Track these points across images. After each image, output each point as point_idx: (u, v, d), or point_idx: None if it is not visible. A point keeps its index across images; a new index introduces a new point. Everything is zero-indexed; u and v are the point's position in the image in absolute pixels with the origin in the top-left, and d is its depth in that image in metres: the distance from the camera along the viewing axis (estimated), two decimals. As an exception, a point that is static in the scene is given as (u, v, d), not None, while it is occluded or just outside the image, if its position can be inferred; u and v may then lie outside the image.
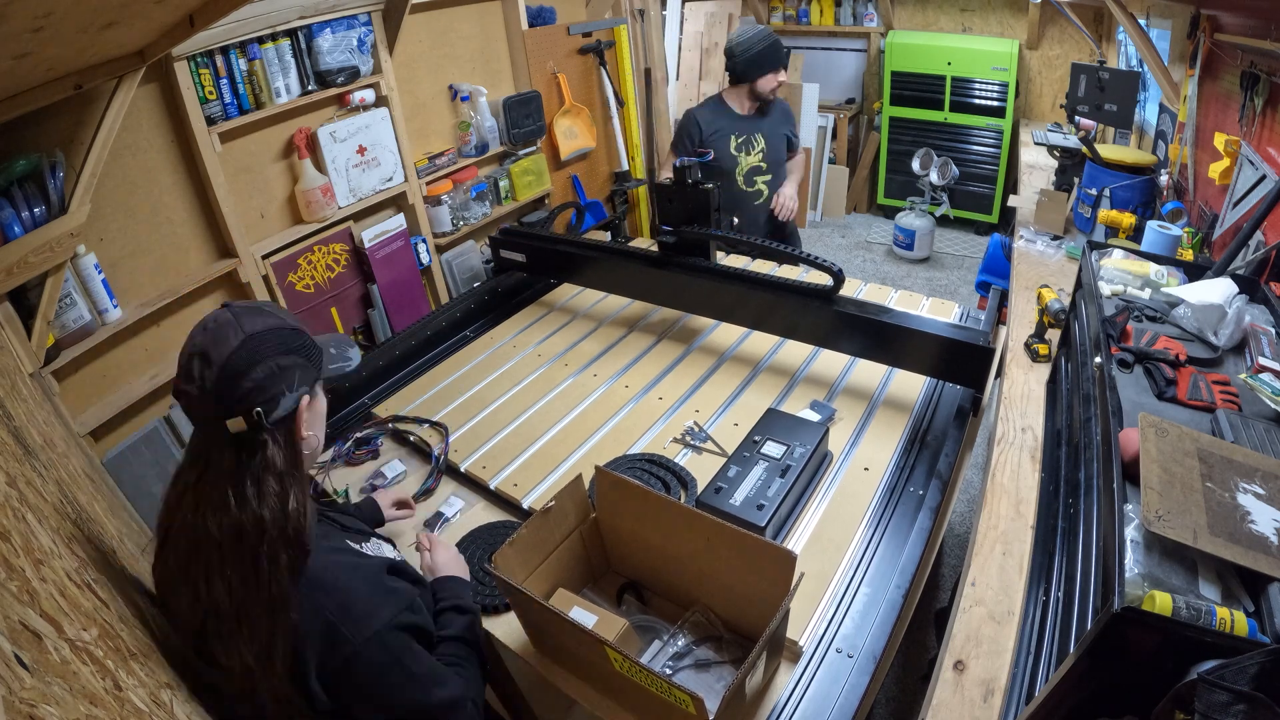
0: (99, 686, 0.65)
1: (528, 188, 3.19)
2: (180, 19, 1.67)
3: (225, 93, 2.11)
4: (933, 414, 1.68)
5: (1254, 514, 0.86)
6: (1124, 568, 0.81)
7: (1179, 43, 2.64)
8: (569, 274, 2.30)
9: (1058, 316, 1.78)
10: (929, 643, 2.17)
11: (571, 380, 1.89)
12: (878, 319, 1.69)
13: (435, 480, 1.57)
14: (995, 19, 4.60)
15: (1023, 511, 1.38)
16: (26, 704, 0.52)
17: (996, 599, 1.20)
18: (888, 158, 4.98)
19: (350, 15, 2.37)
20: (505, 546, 1.11)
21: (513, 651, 1.22)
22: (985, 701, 1.05)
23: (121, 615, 0.87)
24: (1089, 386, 1.31)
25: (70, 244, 1.71)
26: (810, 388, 1.80)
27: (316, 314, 2.55)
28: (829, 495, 1.45)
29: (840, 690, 1.10)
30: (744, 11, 5.09)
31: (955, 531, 2.56)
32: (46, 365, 1.74)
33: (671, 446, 1.61)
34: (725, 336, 2.04)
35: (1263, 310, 1.38)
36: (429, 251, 2.85)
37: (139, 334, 2.07)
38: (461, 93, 2.87)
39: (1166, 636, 0.75)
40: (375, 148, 2.55)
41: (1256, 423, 1.07)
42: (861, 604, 1.23)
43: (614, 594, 1.31)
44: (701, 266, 1.96)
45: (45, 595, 0.70)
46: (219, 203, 2.15)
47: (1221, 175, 2.08)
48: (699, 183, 1.88)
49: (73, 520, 1.07)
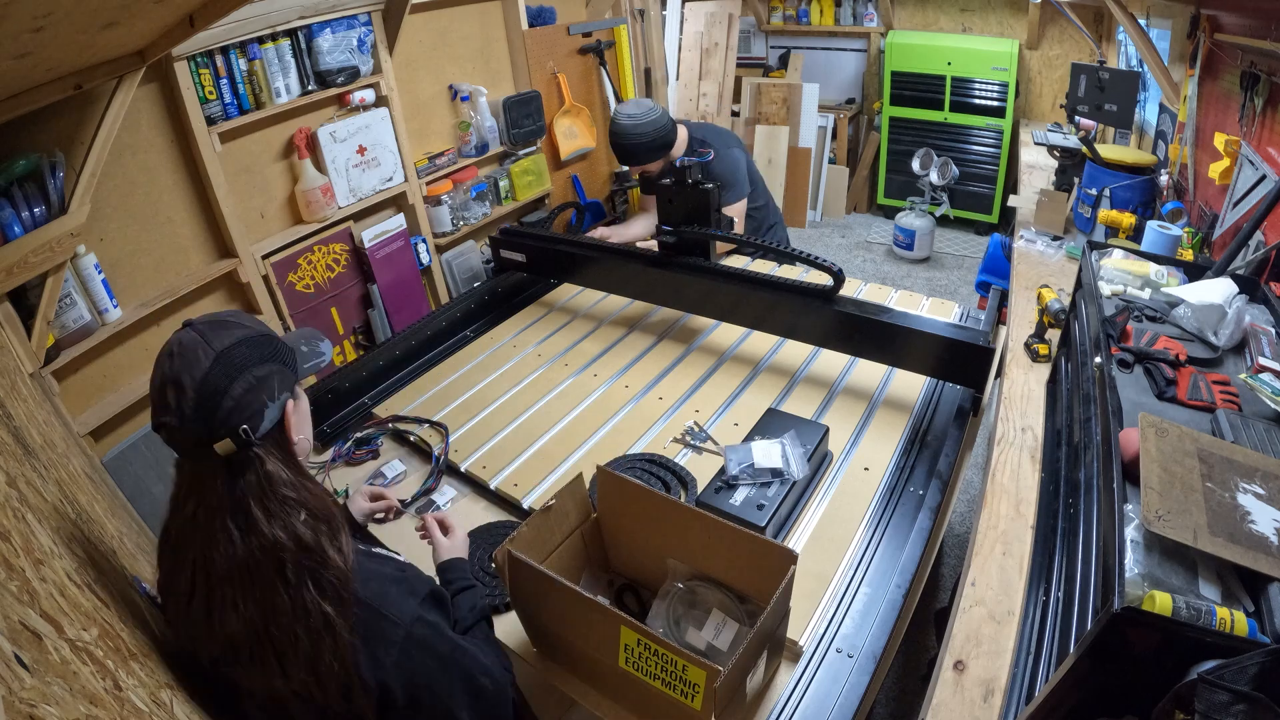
0: (99, 686, 0.65)
1: (528, 188, 3.19)
2: (180, 19, 1.67)
3: (225, 93, 2.11)
4: (933, 414, 1.68)
5: (1254, 514, 0.86)
6: (1124, 568, 0.81)
7: (1179, 43, 2.64)
8: (569, 274, 2.30)
9: (1058, 316, 1.79)
10: (929, 643, 2.17)
11: (571, 380, 1.89)
12: (878, 319, 1.69)
13: (436, 480, 1.58)
14: (995, 19, 4.60)
15: (1023, 511, 1.38)
16: (26, 704, 0.52)
17: (996, 599, 1.21)
18: (888, 158, 4.98)
19: (350, 15, 2.37)
20: (505, 544, 1.11)
21: (513, 651, 1.22)
22: (985, 701, 1.05)
23: (121, 615, 0.87)
24: (1089, 386, 1.31)
25: (70, 244, 1.71)
26: (810, 388, 1.80)
27: (316, 314, 2.55)
28: (829, 495, 1.45)
29: (840, 690, 1.10)
30: (744, 11, 5.10)
31: (955, 531, 2.56)
32: (46, 365, 1.74)
33: (671, 446, 1.61)
34: (725, 336, 2.04)
35: (1263, 310, 1.38)
36: (429, 251, 2.85)
37: (139, 334, 2.07)
38: (461, 93, 2.87)
39: (1166, 636, 0.75)
40: (375, 148, 2.55)
41: (1256, 423, 1.07)
42: (861, 604, 1.23)
43: (614, 595, 1.31)
44: (701, 266, 1.96)
45: (45, 595, 0.70)
46: (219, 203, 2.15)
47: (1221, 175, 2.08)
48: (699, 183, 1.87)
49: (73, 520, 1.07)
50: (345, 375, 1.90)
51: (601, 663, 1.01)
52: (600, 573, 1.35)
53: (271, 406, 0.85)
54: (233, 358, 0.82)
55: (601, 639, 0.99)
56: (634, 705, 1.06)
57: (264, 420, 0.84)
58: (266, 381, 0.85)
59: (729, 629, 1.13)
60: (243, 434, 0.81)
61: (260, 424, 0.83)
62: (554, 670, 1.17)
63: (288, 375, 0.89)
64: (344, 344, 2.68)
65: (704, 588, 1.17)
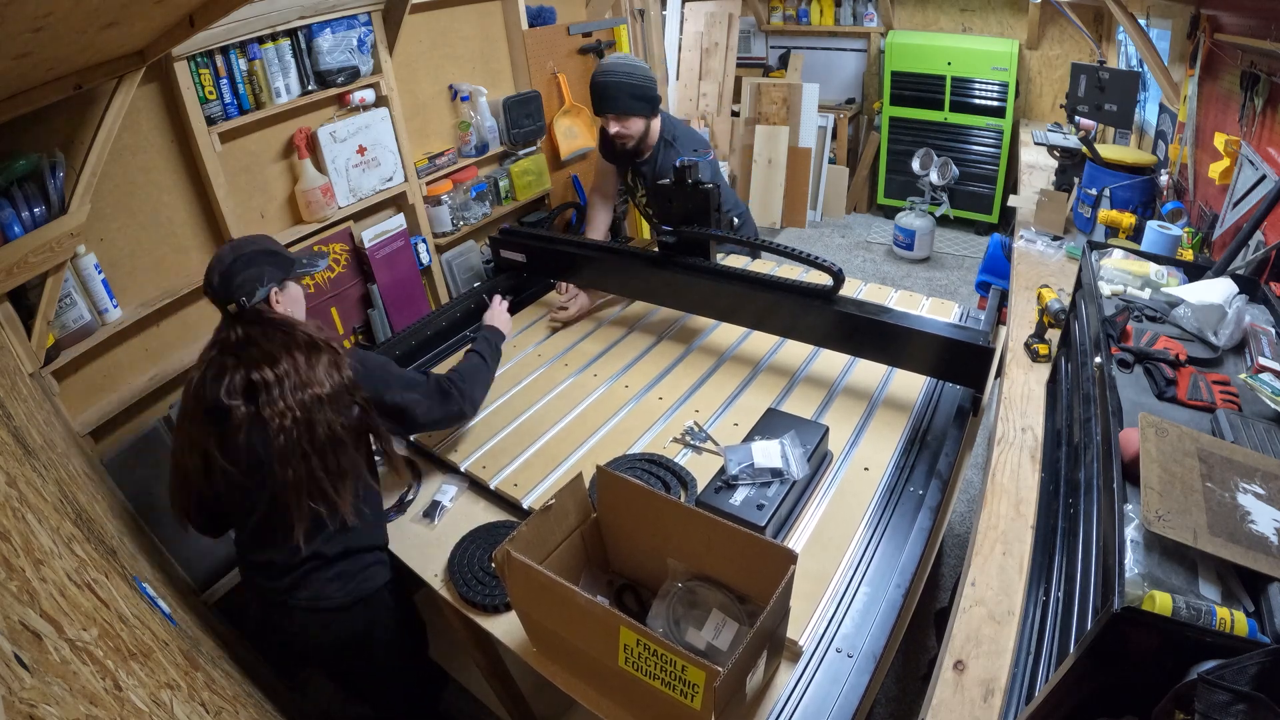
0: (99, 686, 0.65)
1: (528, 188, 3.19)
2: (180, 19, 1.67)
3: (225, 93, 2.11)
4: (933, 414, 1.68)
5: (1254, 514, 0.86)
6: (1124, 568, 0.81)
7: (1179, 43, 2.64)
8: (569, 274, 2.30)
9: (1058, 316, 1.79)
10: (929, 643, 2.17)
11: (571, 380, 1.89)
12: (878, 319, 1.69)
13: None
14: (995, 19, 4.60)
15: (1023, 511, 1.38)
16: (26, 704, 0.52)
17: (996, 599, 1.21)
18: (888, 158, 4.98)
19: (350, 15, 2.37)
20: (505, 545, 1.11)
21: (513, 652, 1.22)
22: (985, 701, 1.05)
23: (121, 615, 0.87)
24: (1089, 386, 1.31)
25: (70, 244, 1.71)
26: (810, 388, 1.80)
27: (317, 314, 2.54)
28: (829, 495, 1.45)
29: (840, 690, 1.10)
30: (744, 11, 5.10)
31: (955, 531, 2.56)
32: (46, 365, 1.74)
33: (671, 446, 1.61)
34: (725, 336, 2.04)
35: (1263, 310, 1.38)
36: (429, 251, 2.85)
37: (139, 334, 2.07)
38: (461, 93, 2.87)
39: (1166, 636, 0.75)
40: (375, 148, 2.55)
41: (1256, 423, 1.07)
42: (861, 604, 1.23)
43: (614, 595, 1.31)
44: (701, 266, 1.96)
45: (45, 595, 0.70)
46: (219, 203, 2.15)
47: (1221, 175, 2.08)
48: (699, 183, 1.87)
49: (73, 520, 1.07)
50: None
51: (601, 663, 1.01)
52: (600, 573, 1.35)
53: (263, 288, 1.36)
54: (245, 258, 1.36)
55: (601, 639, 0.99)
56: (634, 705, 1.06)
57: (256, 295, 1.35)
58: (261, 276, 1.36)
59: (729, 629, 1.13)
60: (242, 301, 1.33)
61: (254, 297, 1.35)
62: (554, 670, 1.17)
63: (277, 271, 1.39)
64: (344, 344, 2.68)
65: (704, 588, 1.17)
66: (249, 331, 1.34)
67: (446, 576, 1.36)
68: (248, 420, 1.30)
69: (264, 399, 1.29)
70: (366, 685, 1.61)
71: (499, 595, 1.28)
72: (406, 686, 1.63)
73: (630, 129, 2.17)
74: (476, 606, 1.29)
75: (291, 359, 1.32)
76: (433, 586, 1.36)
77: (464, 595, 1.30)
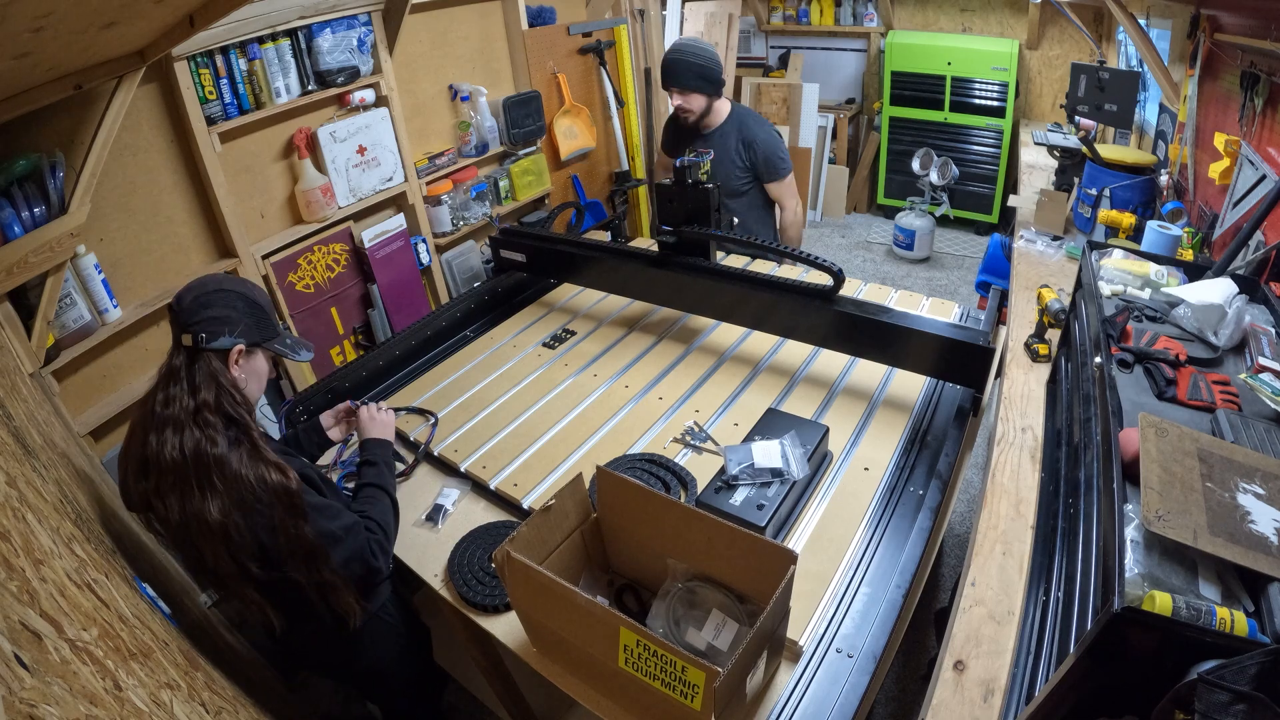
0: (99, 686, 0.65)
1: (528, 188, 3.19)
2: (180, 19, 1.67)
3: (225, 93, 2.11)
4: (933, 414, 1.68)
5: (1254, 514, 0.86)
6: (1124, 568, 0.81)
7: (1179, 43, 2.64)
8: (569, 274, 2.30)
9: (1058, 316, 1.78)
10: (929, 643, 2.17)
11: (571, 380, 1.89)
12: (878, 319, 1.69)
13: (413, 467, 1.64)
14: (995, 19, 4.60)
15: (1023, 511, 1.38)
16: (26, 704, 0.52)
17: (996, 599, 1.20)
18: (888, 158, 4.98)
19: (350, 15, 2.37)
20: (505, 545, 1.10)
21: (513, 652, 1.22)
22: (985, 701, 1.05)
23: (121, 615, 0.87)
24: (1089, 386, 1.31)
25: (70, 244, 1.71)
26: (810, 388, 1.80)
27: (316, 314, 2.55)
28: (829, 495, 1.45)
29: (840, 690, 1.10)
30: (744, 11, 5.09)
31: (955, 531, 2.56)
32: (46, 365, 1.74)
33: (672, 446, 1.61)
34: (725, 336, 2.04)
35: (1263, 310, 1.37)
36: (429, 251, 2.85)
37: (139, 334, 2.07)
38: (461, 93, 2.87)
39: (1166, 636, 0.75)
40: (375, 148, 2.55)
41: (1256, 423, 1.07)
42: (861, 604, 1.23)
43: (614, 595, 1.31)
44: (701, 266, 1.96)
45: (45, 595, 0.70)
46: (219, 203, 2.15)
47: (1221, 175, 2.08)
48: (699, 183, 1.87)
49: (73, 520, 1.07)
50: (345, 375, 1.90)
51: (601, 663, 1.01)
52: (600, 573, 1.35)
53: (225, 339, 1.21)
54: (225, 297, 1.23)
55: (601, 640, 0.99)
56: (634, 705, 1.06)
57: (215, 341, 1.20)
58: (233, 324, 1.22)
59: (729, 629, 1.13)
60: (199, 338, 1.18)
61: (213, 341, 1.19)
62: (554, 670, 1.17)
63: (252, 332, 1.25)
64: (344, 344, 2.68)
65: (704, 588, 1.17)
66: (188, 382, 1.17)
67: (446, 577, 1.36)
68: None
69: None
70: (368, 688, 1.61)
71: (499, 595, 1.28)
72: (408, 688, 1.63)
73: (692, 104, 2.40)
74: (476, 607, 1.29)
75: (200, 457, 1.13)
76: (433, 587, 1.36)
77: (464, 595, 1.30)
